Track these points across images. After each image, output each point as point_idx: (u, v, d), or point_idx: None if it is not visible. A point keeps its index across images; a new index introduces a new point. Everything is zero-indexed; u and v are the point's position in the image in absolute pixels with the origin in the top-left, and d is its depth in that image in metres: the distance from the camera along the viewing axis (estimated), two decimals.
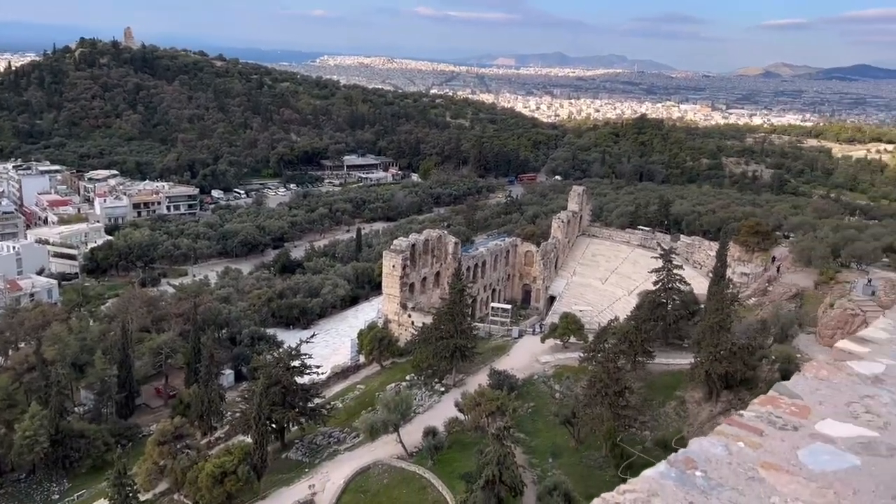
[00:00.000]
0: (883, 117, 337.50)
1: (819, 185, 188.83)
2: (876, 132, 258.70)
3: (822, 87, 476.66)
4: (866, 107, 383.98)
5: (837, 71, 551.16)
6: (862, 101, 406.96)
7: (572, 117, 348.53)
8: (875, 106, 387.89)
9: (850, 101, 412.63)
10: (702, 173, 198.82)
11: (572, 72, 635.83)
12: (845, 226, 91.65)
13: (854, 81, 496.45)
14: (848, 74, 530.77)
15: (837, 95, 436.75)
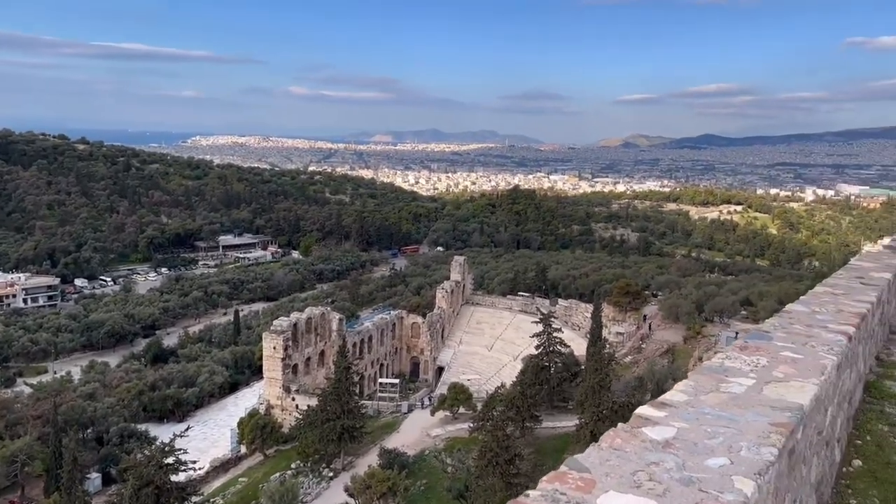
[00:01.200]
0: (730, 181, 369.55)
1: (680, 245, 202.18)
2: (726, 195, 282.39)
3: (675, 156, 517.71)
4: (715, 172, 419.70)
5: (688, 140, 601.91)
6: (711, 168, 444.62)
7: (450, 190, 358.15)
8: (723, 171, 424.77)
9: (701, 167, 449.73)
10: (574, 239, 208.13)
11: (448, 147, 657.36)
12: (706, 282, 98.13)
13: (703, 150, 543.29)
14: (697, 143, 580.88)
15: (689, 162, 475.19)
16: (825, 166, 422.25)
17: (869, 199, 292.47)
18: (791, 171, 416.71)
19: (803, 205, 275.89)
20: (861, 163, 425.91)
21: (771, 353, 4.89)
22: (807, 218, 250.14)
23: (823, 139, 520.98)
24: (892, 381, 7.51)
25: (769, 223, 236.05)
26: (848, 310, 6.66)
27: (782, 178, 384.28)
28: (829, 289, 7.86)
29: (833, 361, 4.84)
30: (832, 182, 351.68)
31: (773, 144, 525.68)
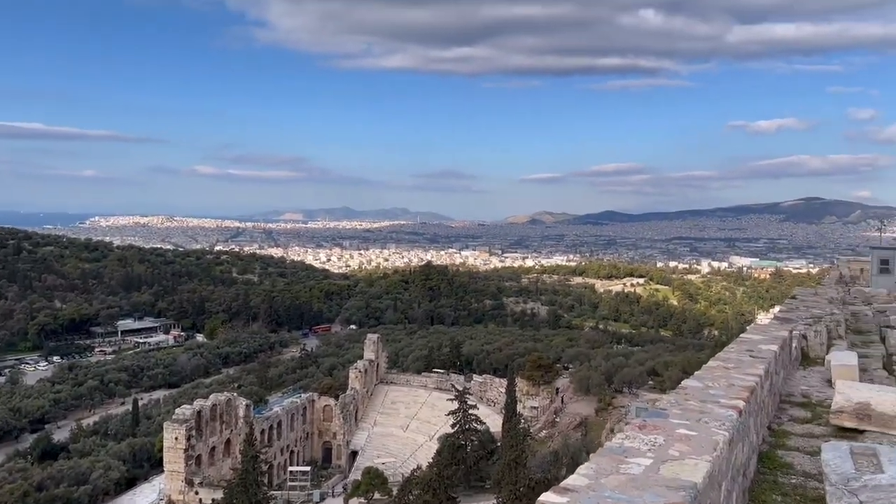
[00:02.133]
0: (632, 255, 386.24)
1: (588, 318, 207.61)
2: (628, 268, 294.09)
3: (580, 231, 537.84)
4: (617, 247, 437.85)
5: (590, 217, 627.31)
6: (613, 242, 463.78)
7: (363, 267, 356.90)
8: (624, 245, 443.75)
9: (604, 242, 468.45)
10: (487, 313, 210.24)
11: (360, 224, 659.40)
12: (614, 353, 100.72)
13: (605, 225, 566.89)
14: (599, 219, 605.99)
15: (593, 237, 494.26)
16: (718, 240, 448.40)
17: (759, 269, 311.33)
18: (687, 244, 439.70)
19: (700, 276, 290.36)
20: (750, 236, 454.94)
21: (667, 430, 5.05)
22: (704, 289, 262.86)
23: (715, 214, 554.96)
24: (783, 451, 7.86)
25: (670, 295, 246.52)
26: (739, 384, 6.99)
27: (679, 252, 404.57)
28: (721, 363, 8.24)
29: (725, 437, 5.04)
30: (725, 255, 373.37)
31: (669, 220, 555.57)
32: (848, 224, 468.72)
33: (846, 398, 8.54)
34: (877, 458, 5.76)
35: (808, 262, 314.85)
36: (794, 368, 13.54)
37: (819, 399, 10.11)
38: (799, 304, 22.67)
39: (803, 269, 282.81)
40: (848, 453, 5.84)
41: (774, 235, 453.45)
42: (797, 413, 9.92)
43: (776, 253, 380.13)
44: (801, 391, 11.35)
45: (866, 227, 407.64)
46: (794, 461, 7.44)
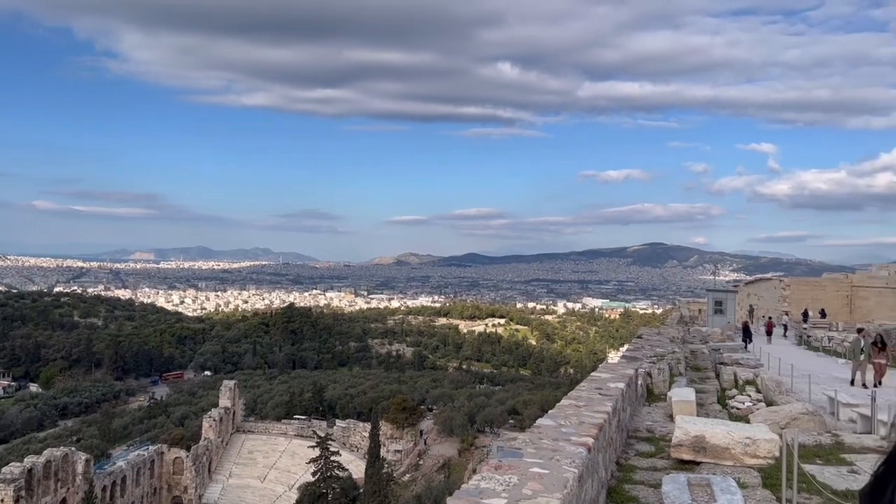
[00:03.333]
0: (493, 296, 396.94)
1: (452, 358, 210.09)
2: (490, 309, 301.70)
3: (444, 273, 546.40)
4: (480, 288, 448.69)
5: (454, 259, 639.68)
6: (476, 284, 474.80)
7: (220, 310, 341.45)
8: (486, 287, 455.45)
9: (467, 283, 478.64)
10: (352, 356, 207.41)
11: (217, 264, 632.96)
12: (477, 393, 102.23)
13: (468, 267, 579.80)
14: (462, 262, 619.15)
15: (457, 279, 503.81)
16: (572, 282, 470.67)
17: (609, 310, 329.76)
18: (544, 286, 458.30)
19: (556, 317, 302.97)
20: (601, 278, 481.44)
21: (521, 470, 5.17)
22: (560, 329, 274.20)
23: (569, 258, 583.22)
24: (630, 485, 8.27)
25: (529, 334, 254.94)
26: (588, 421, 7.32)
27: (537, 293, 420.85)
28: (573, 401, 8.59)
29: (575, 473, 5.24)
30: (579, 296, 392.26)
31: (528, 262, 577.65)
32: (687, 268, 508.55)
33: (684, 432, 9.17)
34: (710, 488, 6.20)
35: (652, 302, 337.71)
36: (640, 405, 14.36)
37: (662, 433, 10.75)
38: (644, 343, 24.20)
39: (649, 310, 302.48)
40: (685, 485, 6.26)
41: (623, 278, 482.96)
42: (643, 447, 10.51)
43: (624, 294, 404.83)
44: (646, 426, 12.05)
45: (703, 270, 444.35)
46: (639, 494, 7.85)
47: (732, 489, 5.96)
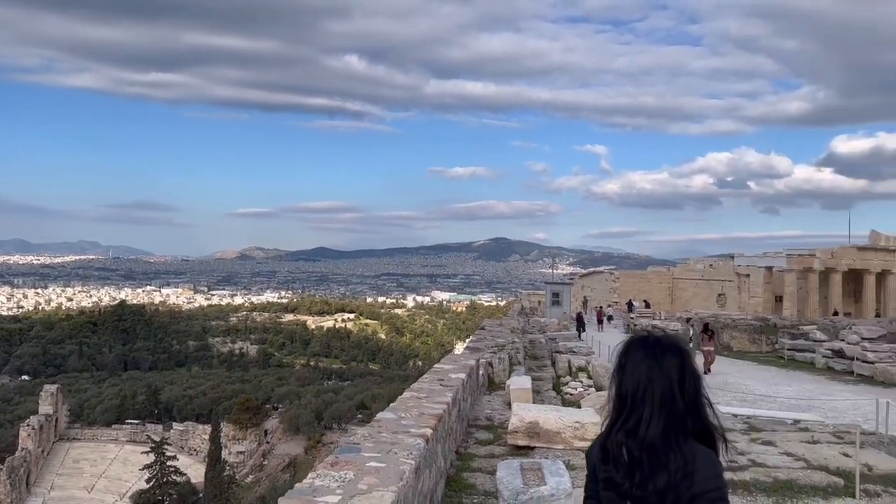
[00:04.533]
0: (343, 291, 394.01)
1: (300, 355, 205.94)
2: (340, 304, 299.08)
3: (292, 268, 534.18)
4: (330, 283, 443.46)
5: (303, 253, 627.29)
6: (325, 279, 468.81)
7: (40, 308, 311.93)
8: (336, 282, 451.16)
9: (316, 278, 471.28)
10: (190, 356, 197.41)
11: (37, 259, 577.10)
12: (325, 390, 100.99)
13: (317, 262, 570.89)
14: (311, 256, 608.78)
15: (305, 274, 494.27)
16: (422, 276, 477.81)
17: (457, 303, 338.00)
18: (394, 280, 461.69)
19: (406, 311, 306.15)
20: (449, 272, 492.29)
21: (358, 465, 5.12)
22: (409, 322, 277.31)
23: (419, 252, 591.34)
24: (468, 473, 8.48)
25: (379, 329, 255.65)
26: (428, 412, 7.40)
27: (387, 287, 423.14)
28: (415, 393, 8.66)
29: (412, 465, 5.26)
30: (428, 290, 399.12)
31: (378, 257, 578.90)
32: (529, 262, 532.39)
33: (520, 419, 9.54)
34: (541, 472, 6.48)
35: (497, 295, 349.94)
36: (481, 394, 14.79)
37: (500, 421, 11.12)
38: (487, 334, 24.99)
39: (493, 302, 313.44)
40: (518, 469, 6.49)
41: (469, 272, 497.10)
42: (482, 436, 10.83)
43: (471, 287, 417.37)
44: (486, 415, 12.43)
45: (543, 264, 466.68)
46: (476, 482, 8.07)
47: (561, 471, 6.27)
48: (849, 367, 24.95)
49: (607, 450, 2.55)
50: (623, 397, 2.56)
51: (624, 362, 2.62)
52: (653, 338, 2.68)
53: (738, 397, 18.51)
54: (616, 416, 2.59)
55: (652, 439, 2.43)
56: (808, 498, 8.65)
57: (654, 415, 2.47)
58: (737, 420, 12.97)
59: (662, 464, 2.38)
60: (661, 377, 2.51)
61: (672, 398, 2.49)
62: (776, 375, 24.42)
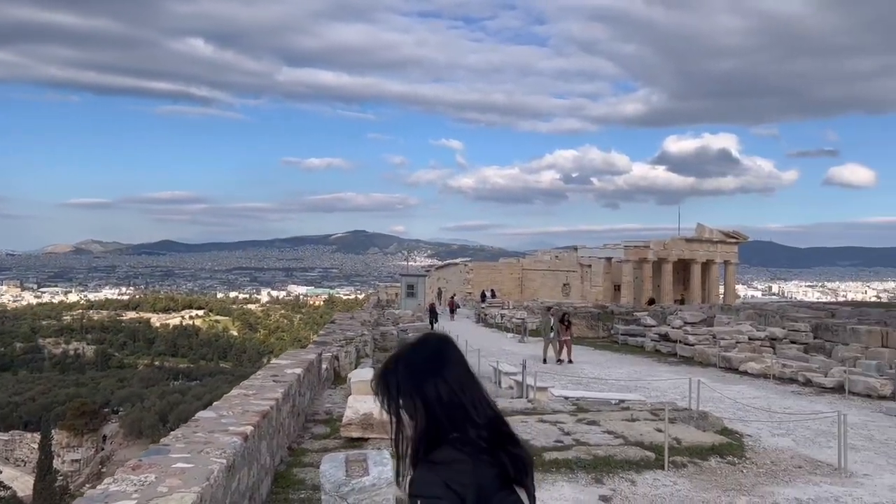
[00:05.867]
0: (191, 286, 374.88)
1: (143, 355, 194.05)
2: (187, 300, 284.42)
3: (134, 262, 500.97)
4: (176, 278, 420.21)
5: (146, 247, 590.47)
6: (171, 273, 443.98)
7: None
8: (183, 277, 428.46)
9: (161, 273, 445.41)
10: (18, 359, 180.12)
11: None
12: (171, 391, 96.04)
13: (162, 255, 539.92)
14: (155, 249, 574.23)
15: (149, 269, 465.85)
16: (277, 269, 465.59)
17: (314, 297, 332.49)
18: (247, 274, 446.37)
19: (260, 306, 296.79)
20: (306, 266, 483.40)
21: (163, 467, 4.87)
22: (264, 318, 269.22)
23: (274, 245, 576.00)
24: (299, 468, 8.34)
25: (230, 325, 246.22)
26: (253, 409, 7.19)
27: (240, 282, 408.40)
28: (243, 390, 8.39)
29: (223, 464, 5.08)
30: (284, 284, 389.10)
31: (229, 250, 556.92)
32: (388, 254, 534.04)
33: (354, 411, 9.52)
34: (366, 463, 6.48)
35: (356, 288, 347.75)
36: (323, 388, 14.63)
37: (339, 414, 11.03)
38: (336, 327, 24.79)
39: (352, 296, 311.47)
40: (343, 462, 6.45)
41: (327, 265, 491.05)
42: (319, 430, 10.70)
43: (329, 281, 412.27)
44: (325, 409, 12.30)
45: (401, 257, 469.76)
46: (306, 477, 7.95)
47: (385, 461, 6.30)
48: (673, 350, 27.13)
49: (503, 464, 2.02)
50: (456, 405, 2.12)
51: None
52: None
53: (573, 380, 19.57)
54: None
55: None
56: (623, 472, 9.30)
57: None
58: (567, 402, 13.69)
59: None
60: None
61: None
62: (609, 359, 26.06)
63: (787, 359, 22.85)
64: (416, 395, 2.09)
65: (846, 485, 9.31)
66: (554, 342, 24.42)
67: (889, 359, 21.04)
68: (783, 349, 25.34)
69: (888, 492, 9.05)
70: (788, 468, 10.06)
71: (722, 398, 15.40)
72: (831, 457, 10.34)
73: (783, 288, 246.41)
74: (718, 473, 9.61)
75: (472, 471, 1.94)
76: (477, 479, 1.93)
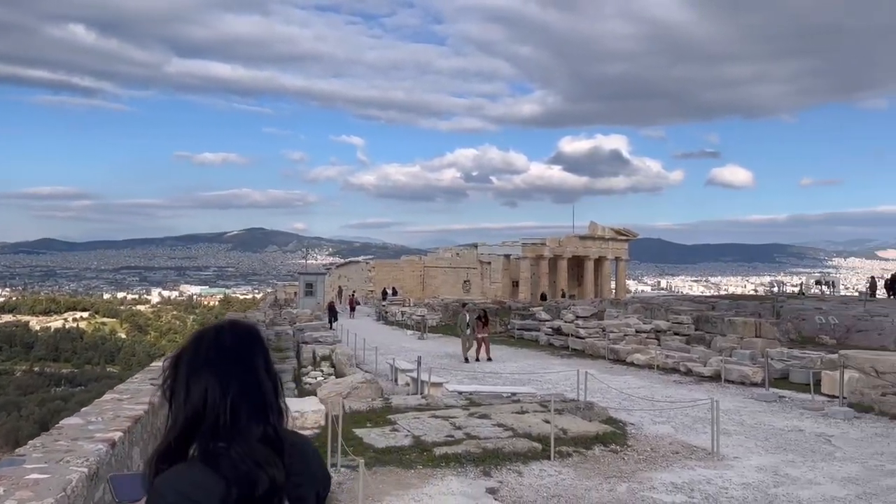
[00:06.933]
0: (75, 287, 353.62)
1: (21, 361, 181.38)
2: (71, 301, 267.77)
3: (10, 261, 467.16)
4: (58, 278, 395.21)
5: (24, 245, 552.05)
6: (53, 273, 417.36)
7: None
8: (66, 277, 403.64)
9: (41, 273, 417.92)
10: None
11: None
12: (52, 398, 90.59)
13: (42, 254, 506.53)
14: (35, 248, 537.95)
15: (27, 269, 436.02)
16: (169, 269, 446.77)
17: (209, 297, 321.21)
18: (137, 274, 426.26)
19: (150, 307, 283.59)
20: (200, 265, 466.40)
21: (15, 479, 4.53)
22: (154, 319, 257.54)
23: (165, 243, 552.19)
24: None
25: (118, 327, 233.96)
26: (125, 414, 6.83)
27: (128, 282, 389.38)
28: (116, 395, 7.96)
29: (84, 473, 4.79)
30: (176, 283, 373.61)
31: (117, 248, 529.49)
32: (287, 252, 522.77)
33: None
34: None
35: (253, 287, 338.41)
36: None
37: None
38: None
39: (249, 295, 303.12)
40: None
41: (223, 263, 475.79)
42: None
43: (225, 280, 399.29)
44: None
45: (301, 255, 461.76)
46: None
47: None
48: (566, 343, 27.98)
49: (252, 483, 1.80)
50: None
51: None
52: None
53: (469, 375, 19.81)
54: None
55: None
56: (511, 464, 9.49)
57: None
58: (461, 397, 13.84)
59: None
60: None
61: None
62: (505, 353, 26.57)
63: (671, 350, 24.06)
64: (183, 389, 1.85)
65: (718, 467, 9.88)
66: (470, 339, 24.31)
67: (761, 348, 22.55)
68: (667, 341, 26.66)
69: (755, 472, 9.67)
70: (667, 454, 10.57)
71: (609, 389, 16.01)
72: (706, 442, 10.94)
73: (671, 283, 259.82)
74: (601, 461, 9.97)
75: (216, 487, 1.72)
76: (221, 497, 1.71)
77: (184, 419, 1.84)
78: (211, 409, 1.80)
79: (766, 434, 12.13)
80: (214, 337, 1.92)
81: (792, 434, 12.12)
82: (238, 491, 1.72)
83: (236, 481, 1.73)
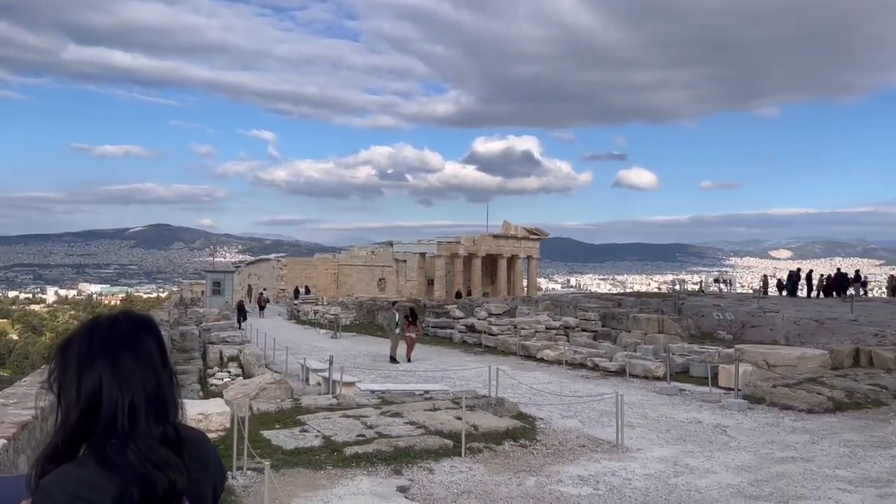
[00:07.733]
0: None
1: None
2: None
3: None
4: None
5: None
6: None
7: None
8: None
9: None
10: None
11: None
12: None
13: None
14: None
15: None
16: (66, 266, 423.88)
17: (110, 296, 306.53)
18: (31, 271, 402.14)
19: (46, 306, 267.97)
20: (100, 262, 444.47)
21: None
22: (50, 319, 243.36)
23: (62, 239, 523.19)
24: None
25: (10, 328, 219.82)
26: (10, 420, 6.40)
27: (21, 280, 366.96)
28: (2, 399, 7.46)
29: None
30: (74, 282, 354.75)
31: (10, 244, 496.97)
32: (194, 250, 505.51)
33: None
34: None
35: (157, 286, 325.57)
36: None
37: None
38: None
39: (154, 294, 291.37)
40: None
41: (125, 261, 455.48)
42: None
43: (127, 278, 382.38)
44: None
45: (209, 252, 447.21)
46: None
47: None
48: (479, 341, 28.27)
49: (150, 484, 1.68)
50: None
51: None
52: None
53: (382, 374, 19.70)
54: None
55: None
56: (423, 461, 9.48)
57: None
58: (373, 396, 13.73)
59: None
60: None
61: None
62: (419, 351, 26.55)
63: (579, 346, 24.72)
64: (74, 383, 1.68)
65: (622, 459, 10.19)
66: (398, 339, 23.98)
67: (664, 344, 23.48)
68: (576, 337, 27.38)
69: (657, 463, 10.04)
70: (574, 448, 10.83)
71: (519, 385, 16.27)
72: (611, 435, 11.28)
73: (580, 281, 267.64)
74: (511, 456, 10.11)
75: (111, 487, 1.58)
76: (116, 497, 1.58)
77: (76, 416, 1.67)
78: (107, 407, 1.66)
79: (668, 426, 12.62)
80: (109, 325, 1.77)
81: (691, 426, 12.66)
82: (137, 491, 1.60)
83: (135, 484, 1.60)
